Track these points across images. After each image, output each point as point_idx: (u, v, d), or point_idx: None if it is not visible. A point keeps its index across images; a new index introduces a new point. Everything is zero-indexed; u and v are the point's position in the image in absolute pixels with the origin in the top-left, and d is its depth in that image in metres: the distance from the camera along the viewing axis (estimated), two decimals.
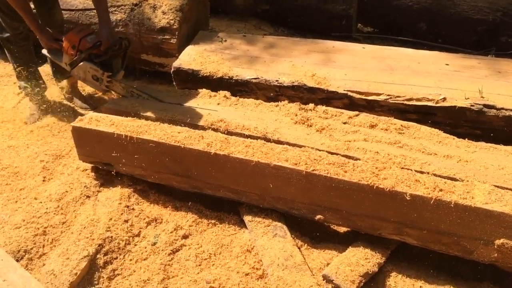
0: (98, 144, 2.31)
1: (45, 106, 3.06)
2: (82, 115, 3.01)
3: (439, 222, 1.85)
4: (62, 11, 3.26)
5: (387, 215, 1.92)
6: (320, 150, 2.10)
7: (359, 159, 2.06)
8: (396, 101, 2.62)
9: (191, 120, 2.34)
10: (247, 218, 2.18)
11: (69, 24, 3.30)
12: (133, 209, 2.28)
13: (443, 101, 2.56)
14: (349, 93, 2.67)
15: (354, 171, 1.95)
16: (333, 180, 1.94)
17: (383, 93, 2.65)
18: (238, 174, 2.10)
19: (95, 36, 2.46)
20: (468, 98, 2.54)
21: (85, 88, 3.33)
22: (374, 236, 2.00)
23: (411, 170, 1.98)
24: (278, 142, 2.19)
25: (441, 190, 1.84)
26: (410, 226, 1.91)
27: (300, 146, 2.14)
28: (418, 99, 2.60)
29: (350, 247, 2.06)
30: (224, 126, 2.27)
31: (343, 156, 2.08)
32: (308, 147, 2.13)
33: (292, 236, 2.13)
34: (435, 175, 1.96)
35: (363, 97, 2.66)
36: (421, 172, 1.97)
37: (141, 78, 3.56)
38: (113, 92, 2.69)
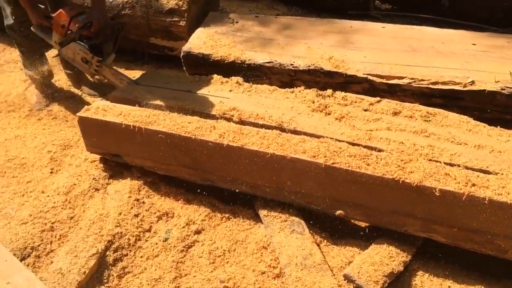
0: (105, 135, 2.20)
1: (52, 93, 2.95)
2: (89, 103, 2.93)
3: (471, 219, 1.71)
4: None
5: (414, 211, 1.79)
6: (340, 141, 1.97)
7: (382, 150, 1.92)
8: (420, 85, 2.46)
9: (202, 109, 2.21)
10: (262, 213, 2.06)
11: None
12: (143, 202, 2.18)
13: (471, 84, 2.39)
14: (369, 77, 2.51)
15: (377, 164, 1.81)
16: (354, 173, 1.80)
17: (405, 77, 2.48)
18: (252, 166, 1.97)
19: (87, 17, 2.31)
20: (498, 81, 2.37)
21: None
22: (399, 232, 1.88)
23: (440, 162, 1.84)
24: (295, 132, 2.06)
25: (473, 185, 1.70)
26: (439, 223, 1.78)
27: (318, 137, 2.01)
28: (444, 83, 2.43)
29: (373, 244, 1.94)
30: (237, 115, 2.14)
31: (365, 147, 1.94)
32: (327, 137, 1.99)
33: (311, 232, 2.01)
34: (466, 167, 1.82)
35: (384, 81, 2.50)
36: (451, 165, 1.83)
37: (150, 63, 3.43)
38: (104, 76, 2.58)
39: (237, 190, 2.10)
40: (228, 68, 2.73)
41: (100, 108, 2.22)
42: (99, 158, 2.38)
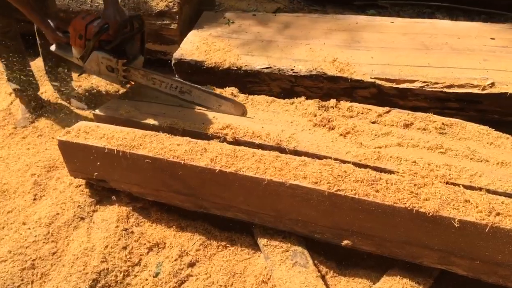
0: (88, 160, 2.02)
1: (38, 107, 2.77)
2: (79, 116, 2.75)
3: (496, 252, 1.50)
4: None
5: (430, 243, 1.58)
6: (345, 162, 1.76)
7: (393, 172, 1.70)
8: (433, 89, 2.22)
9: (193, 127, 2.01)
10: (261, 242, 1.87)
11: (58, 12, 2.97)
12: (132, 232, 2.00)
13: (490, 87, 2.15)
14: (377, 81, 2.28)
15: (387, 190, 1.60)
16: (361, 202, 1.60)
17: (417, 80, 2.25)
18: (248, 193, 1.78)
19: (101, 19, 2.05)
20: None
21: (82, 84, 3.01)
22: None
23: (459, 185, 1.62)
24: (295, 152, 1.85)
25: (498, 214, 1.48)
26: (458, 256, 1.57)
27: (321, 157, 1.80)
28: (460, 86, 2.19)
29: (384, 275, 1.75)
30: (231, 134, 1.94)
31: (373, 168, 1.73)
32: (331, 158, 1.78)
33: (315, 262, 1.82)
34: (488, 191, 1.60)
35: (393, 85, 2.27)
36: (471, 188, 1.61)
37: (144, 67, 3.21)
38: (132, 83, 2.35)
39: (233, 217, 1.90)
40: (223, 75, 2.52)
41: (82, 131, 2.03)
42: (84, 182, 2.20)
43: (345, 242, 1.72)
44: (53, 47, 2.25)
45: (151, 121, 2.08)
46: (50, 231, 2.01)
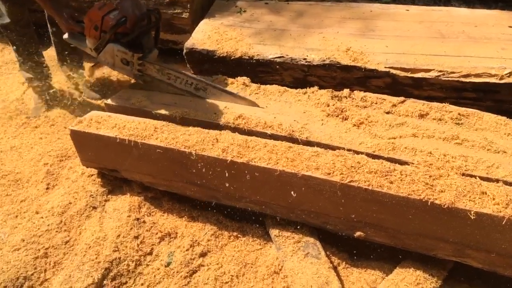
0: (100, 149, 2.02)
1: (50, 97, 2.78)
2: (92, 105, 2.75)
3: None
4: None
5: (444, 235, 1.56)
6: (358, 153, 1.73)
7: (407, 163, 1.67)
8: (450, 78, 2.17)
9: (205, 117, 1.99)
10: (273, 232, 1.86)
11: (70, 1, 2.96)
12: (144, 222, 2.00)
13: (508, 76, 2.10)
14: (392, 71, 2.24)
15: (402, 181, 1.57)
16: (375, 193, 1.57)
17: (433, 69, 2.20)
18: (260, 183, 1.76)
19: (119, 11, 2.01)
20: None
21: (93, 73, 3.01)
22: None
23: (475, 177, 1.58)
24: (307, 142, 1.82)
25: None
26: (474, 248, 1.54)
27: (334, 148, 1.78)
28: (477, 75, 2.14)
29: (397, 267, 1.73)
30: (243, 124, 1.92)
31: (387, 159, 1.70)
32: (344, 148, 1.76)
33: (327, 253, 1.81)
34: (505, 183, 1.57)
35: (409, 74, 2.22)
36: (488, 180, 1.58)
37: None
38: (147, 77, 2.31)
39: (244, 208, 1.89)
40: (235, 65, 2.49)
41: (94, 120, 2.02)
42: (97, 172, 2.20)
43: (358, 233, 1.71)
44: (65, 36, 2.23)
45: (162, 111, 2.06)
46: (62, 220, 2.01)
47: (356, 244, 1.84)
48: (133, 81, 2.37)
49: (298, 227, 1.83)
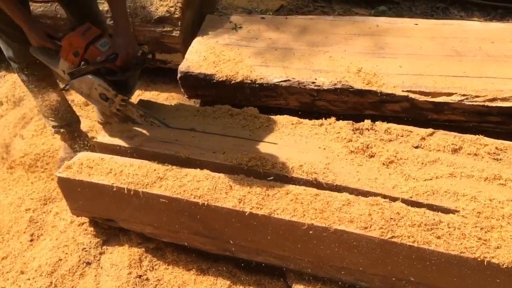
0: (94, 198, 1.77)
1: (83, 144, 2.33)
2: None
3: None
4: (36, 3, 2.65)
5: None
6: (394, 199, 1.53)
7: (451, 211, 1.49)
8: (474, 103, 2.01)
9: (214, 158, 1.76)
10: None
11: (45, 19, 2.66)
12: (147, 279, 1.77)
13: None
14: (410, 95, 2.06)
15: (450, 236, 1.39)
16: (421, 250, 1.38)
17: (455, 92, 2.03)
18: (284, 238, 1.55)
19: (109, 44, 1.75)
20: None
21: (74, 99, 2.72)
22: None
23: None
24: (333, 187, 1.62)
25: None
26: None
27: (365, 193, 1.58)
28: (504, 99, 1.99)
29: None
30: (258, 166, 1.69)
31: (427, 206, 1.51)
32: (377, 194, 1.56)
33: None
34: None
35: (429, 99, 2.05)
36: None
37: (141, 77, 2.92)
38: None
39: (264, 262, 1.68)
40: (235, 89, 2.27)
41: (84, 165, 1.76)
42: (88, 220, 1.94)
43: None
44: (33, 49, 1.88)
45: (163, 150, 1.82)
46: (53, 281, 1.76)
47: None
48: None
49: (326, 282, 1.63)
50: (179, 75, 2.32)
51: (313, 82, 2.17)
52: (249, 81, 2.23)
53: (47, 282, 1.75)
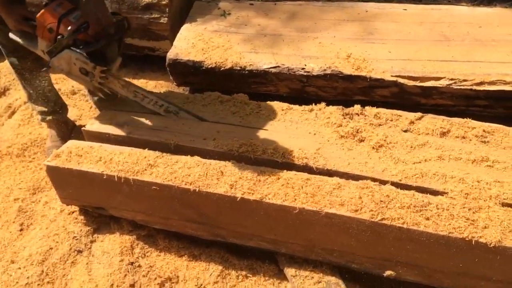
0: (84, 187, 1.75)
1: (69, 130, 2.33)
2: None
3: None
4: None
5: (488, 274, 1.41)
6: (384, 182, 1.55)
7: (440, 193, 1.51)
8: (462, 87, 2.03)
9: (204, 145, 1.76)
10: (289, 272, 1.66)
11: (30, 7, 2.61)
12: (139, 265, 1.76)
13: None
14: (399, 80, 2.07)
15: (439, 217, 1.41)
16: (410, 232, 1.40)
17: (444, 77, 2.05)
18: (276, 222, 1.56)
19: (80, 14, 1.70)
20: None
21: (60, 87, 2.69)
22: None
23: None
24: (323, 171, 1.63)
25: None
26: None
27: (355, 177, 1.59)
28: (491, 83, 2.01)
29: None
30: (249, 152, 1.70)
31: (416, 189, 1.53)
32: (367, 177, 1.57)
33: None
34: None
35: (418, 83, 2.06)
36: None
37: (128, 65, 2.91)
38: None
39: (256, 247, 1.69)
40: (225, 76, 2.26)
41: (74, 153, 1.75)
42: (78, 208, 1.94)
43: (388, 272, 1.53)
44: (12, 34, 1.85)
45: (152, 138, 1.81)
46: (44, 270, 1.75)
47: (380, 279, 1.67)
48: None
49: (317, 265, 1.64)
50: (167, 62, 2.31)
51: (303, 68, 2.17)
52: (239, 68, 2.22)
53: (39, 270, 1.74)
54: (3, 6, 1.70)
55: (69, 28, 1.65)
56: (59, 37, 1.69)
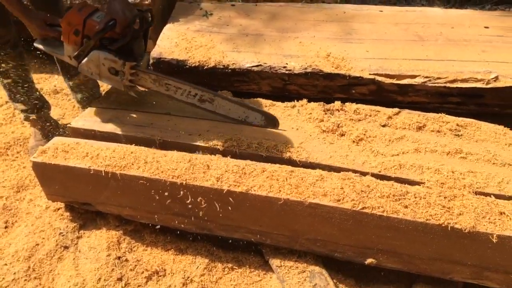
0: (70, 182, 1.77)
1: (53, 129, 2.34)
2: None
3: None
4: None
5: (463, 258, 1.49)
6: (364, 173, 1.62)
7: (417, 183, 1.59)
8: (436, 84, 2.12)
9: (189, 140, 1.80)
10: (274, 263, 1.72)
11: None
12: (126, 260, 1.79)
13: (495, 80, 2.07)
14: (377, 78, 2.15)
15: (417, 205, 1.48)
16: (390, 219, 1.47)
17: (419, 75, 2.13)
18: (260, 213, 1.61)
19: (105, 14, 1.70)
20: None
21: (43, 87, 2.69)
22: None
23: (489, 195, 1.52)
24: (306, 164, 1.69)
25: None
26: (493, 270, 1.49)
27: (337, 169, 1.65)
28: (463, 80, 2.10)
29: None
30: (234, 147, 1.75)
31: (395, 179, 1.60)
32: (348, 169, 1.64)
33: (334, 281, 1.69)
34: None
35: (394, 81, 2.14)
36: (502, 197, 1.52)
37: None
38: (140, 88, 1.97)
39: (241, 238, 1.73)
40: (209, 75, 2.30)
41: (60, 149, 1.77)
42: (64, 205, 1.95)
43: (369, 260, 1.60)
44: (37, 42, 1.86)
45: (138, 133, 1.84)
46: (31, 266, 1.75)
47: (361, 268, 1.73)
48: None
49: (301, 255, 1.70)
50: (151, 61, 2.33)
51: (284, 67, 2.23)
52: (222, 66, 2.27)
53: (25, 266, 1.75)
54: (24, 14, 1.72)
55: (96, 27, 1.66)
56: (85, 39, 1.70)
